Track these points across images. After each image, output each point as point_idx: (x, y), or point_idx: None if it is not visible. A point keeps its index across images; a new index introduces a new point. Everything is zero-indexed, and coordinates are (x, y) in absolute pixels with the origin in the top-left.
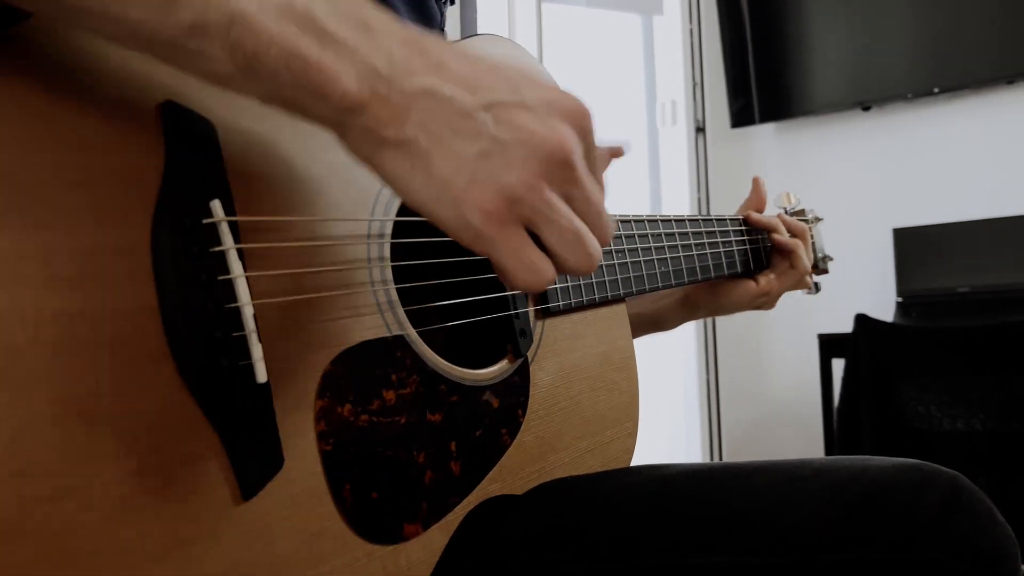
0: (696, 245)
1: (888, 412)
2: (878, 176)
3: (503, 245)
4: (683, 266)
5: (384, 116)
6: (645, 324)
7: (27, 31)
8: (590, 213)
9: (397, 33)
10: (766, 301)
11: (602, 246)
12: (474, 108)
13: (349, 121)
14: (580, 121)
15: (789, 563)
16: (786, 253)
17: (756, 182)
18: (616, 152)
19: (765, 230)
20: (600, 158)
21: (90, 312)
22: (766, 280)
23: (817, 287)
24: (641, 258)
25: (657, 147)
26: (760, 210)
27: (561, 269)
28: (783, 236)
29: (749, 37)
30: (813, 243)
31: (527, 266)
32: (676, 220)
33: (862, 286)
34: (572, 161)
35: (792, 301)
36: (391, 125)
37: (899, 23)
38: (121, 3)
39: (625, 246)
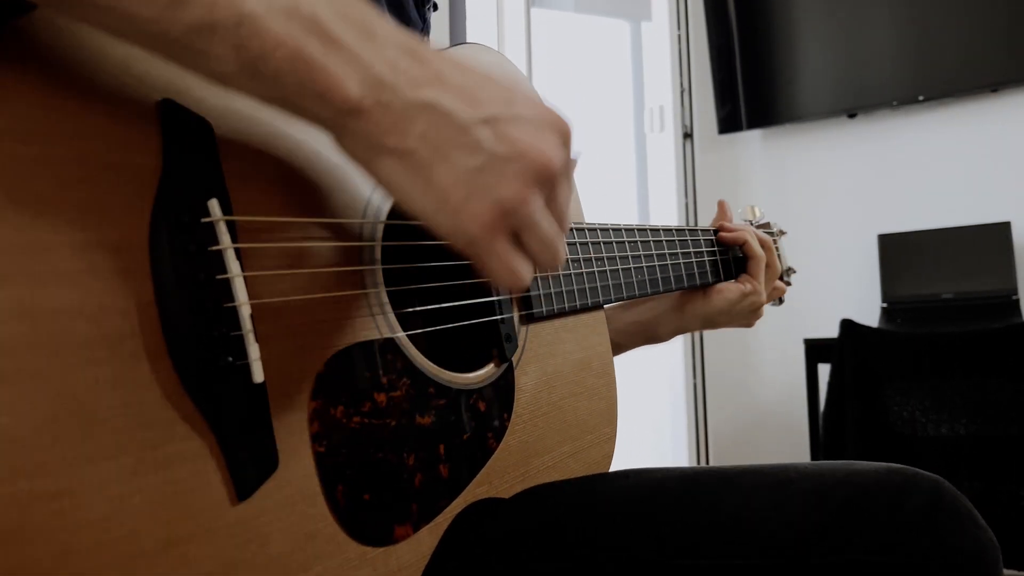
0: (671, 255)
1: (873, 417)
2: (863, 182)
3: (494, 253)
4: (658, 275)
5: (386, 124)
6: (640, 334)
7: (28, 25)
8: (562, 219)
9: (398, 41)
10: (755, 299)
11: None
12: (472, 122)
13: (349, 124)
14: (565, 135)
15: (774, 566)
16: (758, 260)
17: (721, 206)
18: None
19: (737, 244)
20: (571, 163)
21: (88, 308)
22: (750, 281)
23: (780, 299)
24: (619, 266)
25: (645, 153)
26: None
27: (540, 266)
28: (754, 246)
29: (736, 44)
30: (779, 255)
31: (512, 271)
32: (652, 230)
33: (847, 292)
34: (556, 175)
35: (777, 307)
36: (392, 134)
37: (885, 32)
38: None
39: (604, 254)
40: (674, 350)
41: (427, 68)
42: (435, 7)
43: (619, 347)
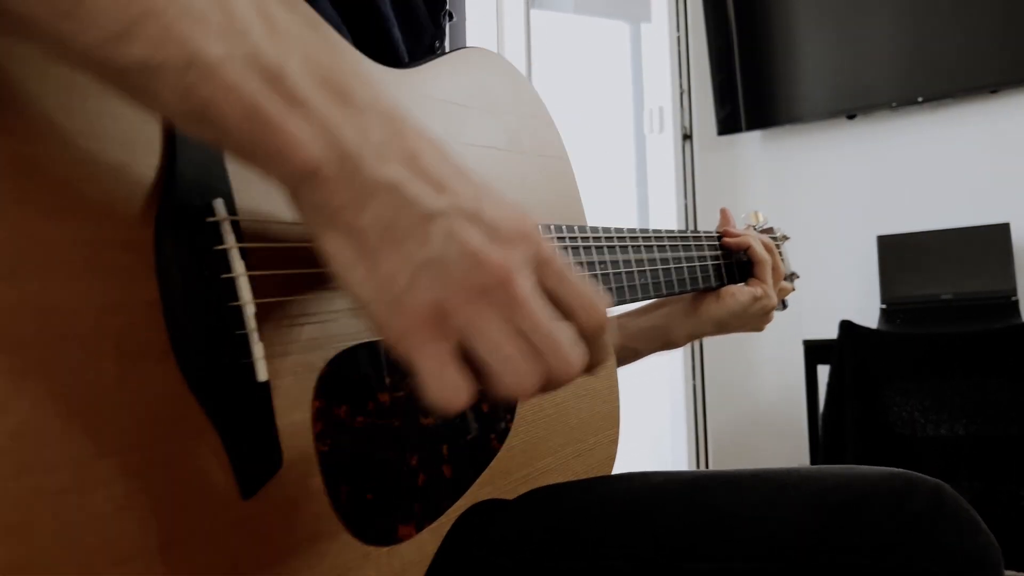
0: (674, 259)
1: (873, 418)
2: (863, 184)
3: (426, 354)
4: (662, 279)
5: (343, 198)
6: (656, 338)
7: None
8: (536, 335)
9: (378, 110)
10: (766, 303)
11: (561, 374)
12: (431, 212)
13: (304, 189)
14: (530, 245)
15: (775, 569)
16: (763, 264)
17: (723, 213)
18: None
19: (741, 249)
20: (565, 271)
21: (93, 306)
22: (759, 284)
23: (784, 304)
24: (623, 270)
25: (644, 154)
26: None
27: (495, 388)
28: (759, 250)
29: (736, 45)
30: (782, 259)
31: (442, 381)
32: (655, 234)
33: (847, 293)
34: (512, 285)
35: (780, 311)
36: (348, 209)
37: (884, 33)
38: (73, 23)
39: (608, 258)
40: (674, 353)
41: (403, 142)
42: (451, 16)
43: (636, 353)
